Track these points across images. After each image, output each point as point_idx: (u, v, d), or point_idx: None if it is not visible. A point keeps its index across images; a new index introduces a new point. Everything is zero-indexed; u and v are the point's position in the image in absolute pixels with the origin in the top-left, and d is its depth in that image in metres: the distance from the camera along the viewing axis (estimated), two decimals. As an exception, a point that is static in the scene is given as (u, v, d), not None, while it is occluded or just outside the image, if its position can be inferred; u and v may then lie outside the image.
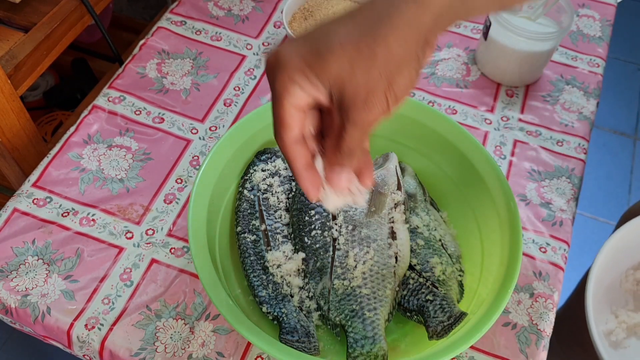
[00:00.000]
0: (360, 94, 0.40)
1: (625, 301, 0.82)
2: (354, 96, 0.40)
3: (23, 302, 0.64)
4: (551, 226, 0.74)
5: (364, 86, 0.40)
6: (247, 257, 0.63)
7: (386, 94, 0.40)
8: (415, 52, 0.40)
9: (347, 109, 0.41)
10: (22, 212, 0.70)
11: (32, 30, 0.88)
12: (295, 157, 0.44)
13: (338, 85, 0.40)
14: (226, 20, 0.93)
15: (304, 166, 0.45)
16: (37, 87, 1.29)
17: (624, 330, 0.80)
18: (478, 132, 0.82)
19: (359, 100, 0.40)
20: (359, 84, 0.40)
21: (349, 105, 0.40)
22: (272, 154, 0.68)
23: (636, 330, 0.80)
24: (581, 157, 0.81)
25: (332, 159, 0.44)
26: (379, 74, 0.39)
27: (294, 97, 0.41)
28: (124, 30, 1.38)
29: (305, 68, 0.40)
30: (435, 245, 0.64)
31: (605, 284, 0.81)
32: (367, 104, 0.40)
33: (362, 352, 0.57)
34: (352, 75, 0.39)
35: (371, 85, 0.40)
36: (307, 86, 0.41)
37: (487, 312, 0.55)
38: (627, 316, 0.80)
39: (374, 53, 0.39)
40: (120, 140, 0.78)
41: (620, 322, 0.80)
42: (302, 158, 0.44)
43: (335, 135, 0.43)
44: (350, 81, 0.40)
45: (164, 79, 0.85)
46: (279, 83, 0.41)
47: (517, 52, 0.82)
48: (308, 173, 0.45)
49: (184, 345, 0.63)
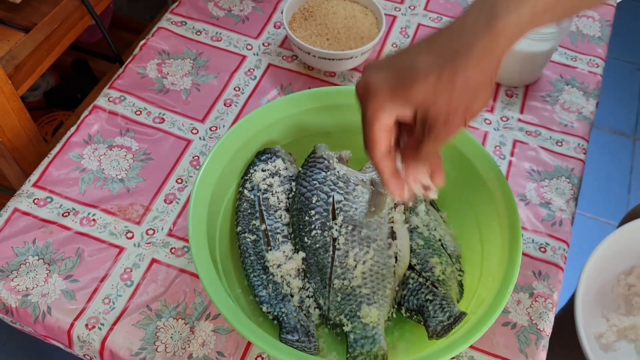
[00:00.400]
0: (442, 116, 0.46)
1: (617, 305, 0.83)
2: (436, 118, 0.46)
3: (23, 302, 0.64)
4: (551, 226, 0.74)
5: (445, 111, 0.45)
6: (247, 257, 0.63)
7: (465, 115, 0.46)
8: (490, 77, 0.45)
9: (429, 128, 0.47)
10: (22, 212, 0.71)
11: (33, 30, 0.88)
12: (384, 169, 0.51)
13: (422, 109, 0.46)
14: (226, 21, 0.93)
15: (391, 175, 0.52)
16: (38, 87, 1.29)
17: (614, 333, 0.80)
18: (477, 132, 0.82)
19: (440, 122, 0.46)
20: (441, 109, 0.45)
21: (431, 125, 0.46)
22: (272, 154, 0.68)
23: (626, 333, 0.81)
24: (581, 157, 0.81)
25: (410, 162, 0.52)
26: (458, 100, 0.45)
27: (384, 121, 0.48)
28: (125, 30, 1.38)
29: (394, 97, 0.46)
30: (435, 245, 0.64)
31: (597, 288, 0.82)
32: (446, 124, 0.46)
33: (362, 352, 0.57)
34: (434, 102, 0.45)
35: (451, 109, 0.45)
36: (395, 111, 0.47)
37: (487, 312, 0.56)
38: (617, 320, 0.81)
39: (454, 83, 0.44)
40: (121, 141, 0.78)
41: (610, 326, 0.81)
42: (389, 169, 0.52)
43: (415, 143, 0.50)
44: (433, 106, 0.45)
45: (165, 79, 0.85)
46: (370, 110, 0.48)
47: (517, 52, 0.82)
48: (395, 180, 0.52)
49: (184, 345, 0.63)
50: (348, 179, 0.65)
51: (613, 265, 0.83)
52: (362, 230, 0.62)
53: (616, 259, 0.82)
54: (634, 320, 0.80)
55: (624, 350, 0.80)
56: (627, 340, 0.81)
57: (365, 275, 0.60)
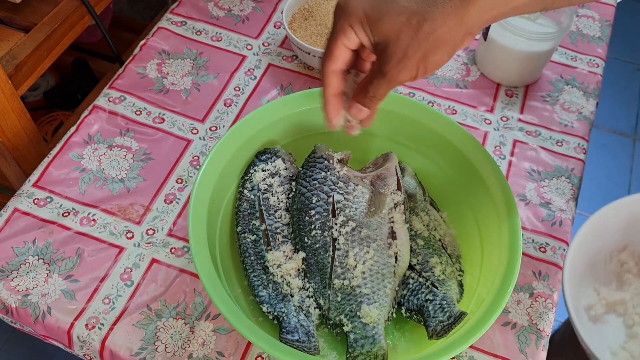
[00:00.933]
0: (398, 54, 0.48)
1: (609, 281, 0.83)
2: (392, 54, 0.48)
3: (23, 302, 0.64)
4: (551, 226, 0.74)
5: (403, 50, 0.47)
6: (248, 256, 0.63)
7: (418, 63, 0.48)
8: (454, 39, 0.47)
9: (383, 63, 0.49)
10: (22, 212, 0.71)
11: (33, 30, 0.88)
12: (329, 84, 0.54)
13: (383, 41, 0.48)
14: (226, 21, 0.93)
15: (333, 94, 0.55)
16: (38, 87, 1.29)
17: (603, 306, 0.81)
18: (478, 132, 0.82)
19: (394, 59, 0.48)
20: (399, 47, 0.47)
21: (385, 60, 0.48)
22: (272, 154, 0.68)
23: (616, 307, 0.81)
24: (581, 157, 0.81)
25: (357, 97, 0.54)
26: (418, 44, 0.47)
27: (347, 39, 0.50)
28: (125, 30, 1.38)
29: (364, 20, 0.48)
30: (435, 245, 0.64)
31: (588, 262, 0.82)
32: (399, 64, 0.48)
33: (362, 352, 0.57)
34: (396, 39, 0.47)
35: (409, 51, 0.47)
36: (360, 34, 0.49)
37: (487, 311, 0.56)
38: (608, 294, 0.81)
39: (421, 28, 0.46)
40: (121, 140, 0.78)
41: (600, 299, 0.81)
42: (334, 88, 0.54)
43: (367, 81, 0.52)
44: (394, 42, 0.47)
45: (165, 79, 0.85)
46: (339, 25, 0.50)
47: (517, 52, 0.82)
48: (335, 100, 0.55)
49: (184, 345, 0.63)
50: (348, 179, 0.65)
51: (605, 240, 0.84)
52: (362, 230, 0.62)
53: (608, 233, 0.83)
54: (623, 295, 0.81)
55: (612, 323, 0.81)
56: (616, 314, 0.82)
57: (365, 275, 0.60)
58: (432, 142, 0.70)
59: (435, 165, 0.71)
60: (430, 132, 0.69)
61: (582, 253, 0.79)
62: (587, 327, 0.79)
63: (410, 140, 0.72)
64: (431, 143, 0.70)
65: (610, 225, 0.81)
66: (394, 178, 0.65)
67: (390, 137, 0.72)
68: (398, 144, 0.72)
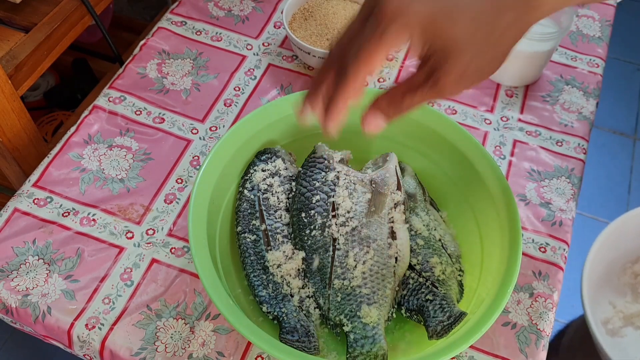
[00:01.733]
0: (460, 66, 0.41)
1: (624, 293, 0.83)
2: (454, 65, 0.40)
3: (23, 302, 0.64)
4: (551, 226, 0.74)
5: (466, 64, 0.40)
6: (247, 256, 0.63)
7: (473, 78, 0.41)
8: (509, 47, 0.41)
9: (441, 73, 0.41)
10: (22, 212, 0.71)
11: (33, 30, 0.88)
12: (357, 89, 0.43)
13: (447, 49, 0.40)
14: (226, 21, 0.93)
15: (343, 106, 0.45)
16: (38, 87, 1.29)
17: (620, 319, 0.80)
18: (478, 132, 0.82)
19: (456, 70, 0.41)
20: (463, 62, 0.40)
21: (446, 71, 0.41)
22: (272, 154, 0.68)
23: (633, 320, 0.81)
24: (581, 157, 0.81)
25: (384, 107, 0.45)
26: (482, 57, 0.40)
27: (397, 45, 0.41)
28: (125, 30, 1.38)
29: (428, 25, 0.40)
30: (435, 245, 0.64)
31: (602, 275, 0.82)
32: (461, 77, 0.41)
33: (362, 352, 0.57)
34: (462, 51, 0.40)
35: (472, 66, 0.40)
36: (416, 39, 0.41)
37: (487, 311, 0.56)
38: (624, 306, 0.80)
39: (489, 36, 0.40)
40: (121, 140, 0.78)
41: (617, 312, 0.80)
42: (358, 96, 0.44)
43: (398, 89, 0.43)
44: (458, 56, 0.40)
45: (165, 79, 0.85)
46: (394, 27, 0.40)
47: (517, 52, 0.82)
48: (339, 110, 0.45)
49: (184, 345, 0.63)
50: (348, 178, 0.65)
51: (619, 251, 0.83)
52: (362, 230, 0.62)
53: (622, 245, 0.82)
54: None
55: (630, 337, 0.80)
56: (634, 327, 0.81)
57: (365, 275, 0.60)
58: (432, 142, 0.70)
59: (435, 165, 0.71)
60: (430, 132, 0.69)
61: (597, 265, 0.79)
62: (607, 342, 0.79)
63: (410, 140, 0.72)
64: (431, 143, 0.70)
65: (623, 237, 0.81)
66: (394, 178, 0.65)
67: (390, 137, 0.72)
68: (398, 144, 0.72)
